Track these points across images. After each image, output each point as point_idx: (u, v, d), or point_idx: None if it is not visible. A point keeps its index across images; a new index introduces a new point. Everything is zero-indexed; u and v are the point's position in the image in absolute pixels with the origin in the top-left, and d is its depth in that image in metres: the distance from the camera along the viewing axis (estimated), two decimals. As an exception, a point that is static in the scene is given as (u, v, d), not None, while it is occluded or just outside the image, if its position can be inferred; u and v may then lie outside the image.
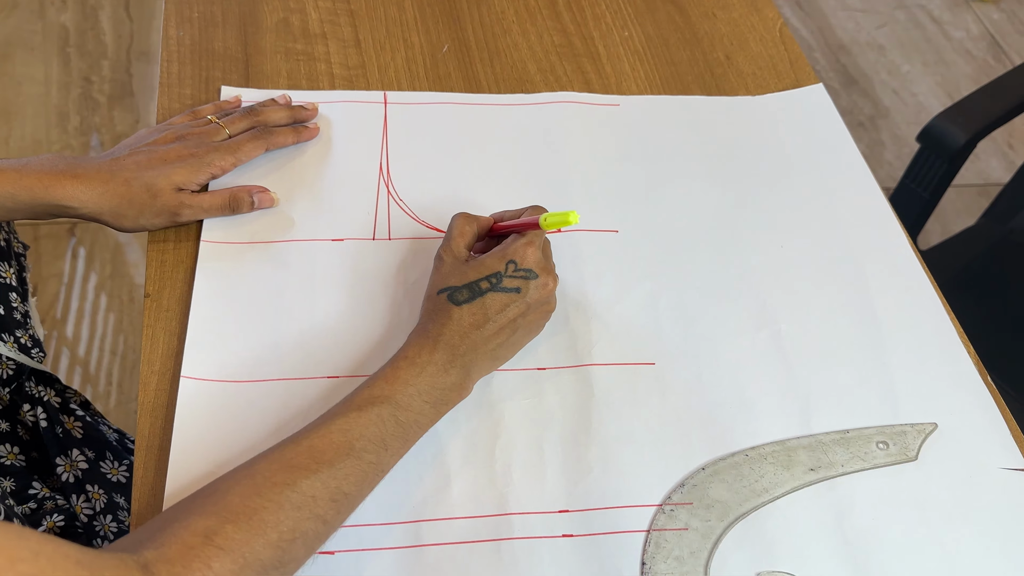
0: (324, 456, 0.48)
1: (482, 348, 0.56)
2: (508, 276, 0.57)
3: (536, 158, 0.73)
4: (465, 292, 0.56)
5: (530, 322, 0.59)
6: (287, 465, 0.47)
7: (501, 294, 0.56)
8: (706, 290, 0.67)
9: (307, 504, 0.46)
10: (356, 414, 0.50)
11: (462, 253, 0.59)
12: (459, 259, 0.59)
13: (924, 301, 0.68)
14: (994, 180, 1.91)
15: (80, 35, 1.88)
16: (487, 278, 0.57)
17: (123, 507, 0.69)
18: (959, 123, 1.05)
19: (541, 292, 0.58)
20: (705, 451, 0.59)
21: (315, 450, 0.48)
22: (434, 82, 0.77)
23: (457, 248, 0.59)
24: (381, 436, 0.51)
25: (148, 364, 0.59)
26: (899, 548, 0.56)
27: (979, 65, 2.11)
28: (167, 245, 0.64)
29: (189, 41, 0.77)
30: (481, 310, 0.56)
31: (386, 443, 0.51)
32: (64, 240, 1.57)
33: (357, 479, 0.49)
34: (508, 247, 0.58)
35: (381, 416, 0.51)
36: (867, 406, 0.62)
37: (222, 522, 0.44)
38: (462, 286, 0.56)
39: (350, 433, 0.49)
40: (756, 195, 0.73)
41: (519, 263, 0.57)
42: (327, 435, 0.49)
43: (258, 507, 0.45)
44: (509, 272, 0.57)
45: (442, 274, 0.58)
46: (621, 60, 0.81)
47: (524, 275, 0.57)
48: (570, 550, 0.54)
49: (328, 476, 0.48)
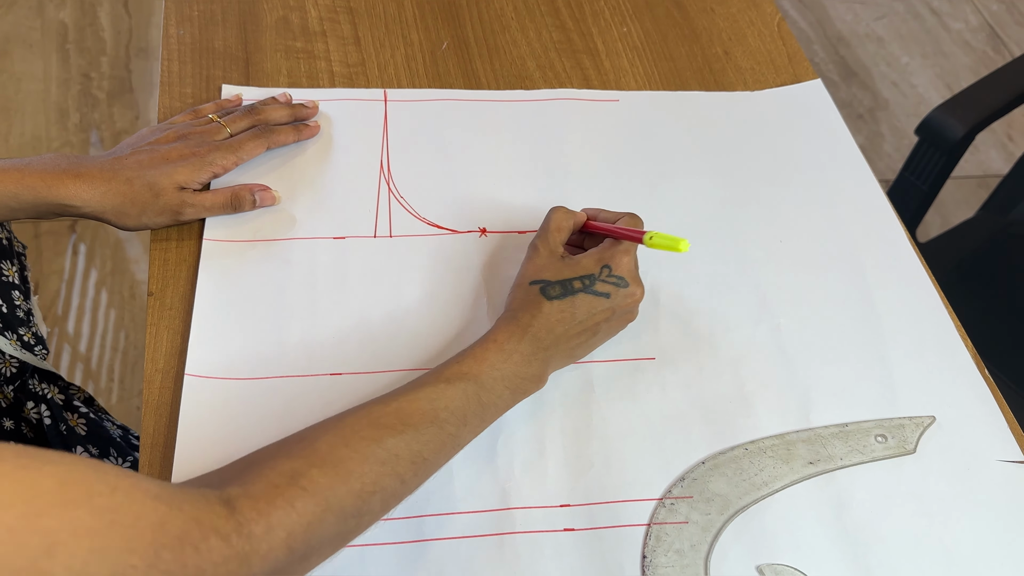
0: (411, 419, 0.50)
1: (564, 345, 0.57)
2: (601, 280, 0.58)
3: (536, 154, 0.74)
4: (558, 288, 0.57)
5: (611, 327, 0.60)
6: (375, 423, 0.49)
7: (591, 296, 0.58)
8: (706, 285, 0.67)
9: (390, 461, 0.48)
10: (444, 386, 0.52)
11: (558, 248, 0.60)
12: (555, 253, 0.60)
13: (922, 295, 0.69)
14: (993, 172, 1.91)
15: (79, 32, 1.88)
16: (580, 278, 0.58)
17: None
18: (958, 115, 1.05)
19: (628, 300, 0.59)
20: (705, 445, 0.59)
21: (403, 412, 0.50)
22: (434, 79, 0.78)
23: (554, 242, 0.60)
24: (463, 411, 0.52)
25: (152, 362, 0.59)
26: (898, 540, 0.56)
27: (978, 56, 2.11)
28: (170, 244, 0.65)
29: (189, 39, 0.77)
30: (570, 308, 0.57)
31: (466, 419, 0.53)
32: (65, 237, 1.58)
33: (436, 447, 0.51)
34: (605, 251, 0.59)
35: (466, 392, 0.53)
36: (865, 400, 0.62)
37: (308, 466, 0.45)
38: (556, 282, 0.58)
39: (436, 402, 0.51)
40: (755, 190, 0.74)
41: (613, 269, 0.58)
42: (415, 400, 0.51)
43: (344, 456, 0.47)
44: (603, 276, 0.58)
45: (536, 265, 0.59)
46: (620, 56, 0.82)
47: (616, 282, 0.58)
48: (572, 544, 0.54)
49: (412, 438, 0.49)
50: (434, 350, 0.62)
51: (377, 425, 0.49)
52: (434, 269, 0.66)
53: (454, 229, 0.68)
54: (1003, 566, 0.56)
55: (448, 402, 0.52)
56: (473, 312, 0.64)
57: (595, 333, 0.59)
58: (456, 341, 0.62)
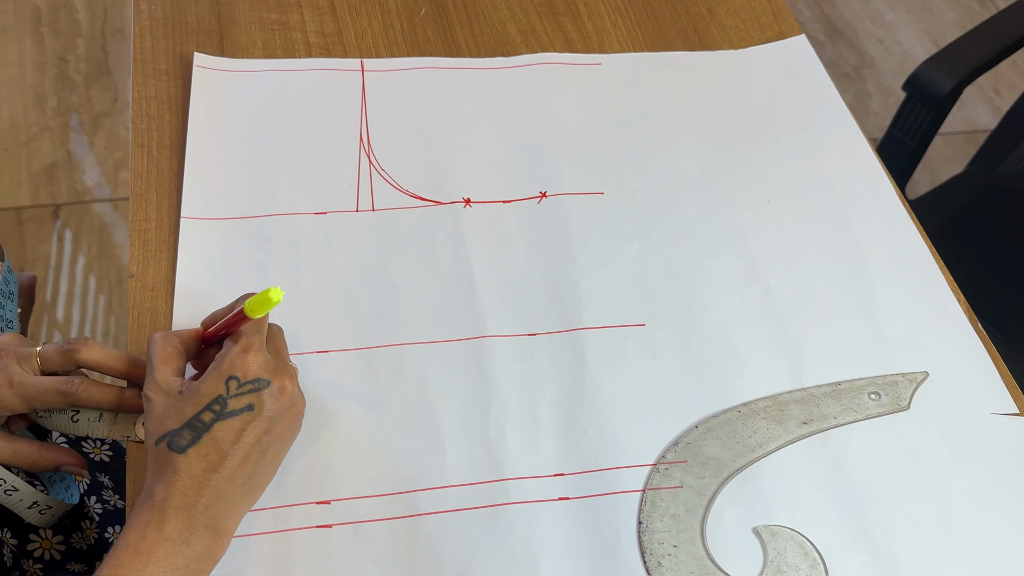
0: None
1: (228, 490, 0.47)
2: (233, 396, 0.48)
3: (519, 121, 0.73)
4: (187, 434, 0.47)
5: (279, 435, 0.50)
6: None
7: (232, 420, 0.47)
8: (694, 249, 0.67)
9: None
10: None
11: (172, 384, 0.49)
12: (171, 393, 0.49)
13: (913, 251, 0.68)
14: (981, 127, 1.90)
15: (53, 14, 1.85)
16: (208, 407, 0.47)
17: (107, 486, 0.68)
18: (944, 70, 1.04)
19: (280, 399, 0.49)
20: (698, 409, 0.59)
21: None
22: (413, 47, 0.76)
23: (164, 379, 0.49)
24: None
25: (136, 345, 0.58)
26: (894, 496, 0.56)
27: (964, 11, 2.10)
28: (149, 224, 0.63)
29: (161, 15, 0.75)
30: (214, 449, 0.47)
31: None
32: (49, 223, 1.56)
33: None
34: (223, 362, 0.49)
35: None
36: (858, 357, 0.62)
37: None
38: (181, 427, 0.47)
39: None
40: (741, 150, 0.73)
41: (242, 377, 0.48)
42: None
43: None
44: (233, 391, 0.48)
45: (155, 417, 0.48)
46: (602, 17, 0.80)
47: (253, 387, 0.49)
48: (567, 512, 0.54)
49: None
50: (423, 324, 0.61)
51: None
52: (419, 242, 0.65)
53: (438, 200, 0.67)
54: (999, 518, 0.56)
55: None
56: (461, 285, 0.63)
57: (264, 452, 0.49)
58: (444, 316, 0.61)
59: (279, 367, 0.50)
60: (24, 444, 0.55)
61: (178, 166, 0.66)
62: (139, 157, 0.67)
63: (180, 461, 0.46)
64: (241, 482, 0.48)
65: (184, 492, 0.46)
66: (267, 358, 0.50)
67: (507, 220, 0.67)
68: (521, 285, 0.64)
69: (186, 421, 0.47)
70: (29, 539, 0.61)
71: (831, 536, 0.54)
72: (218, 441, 0.47)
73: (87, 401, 0.52)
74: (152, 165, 0.66)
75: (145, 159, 0.67)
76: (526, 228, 0.66)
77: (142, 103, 0.70)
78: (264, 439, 0.49)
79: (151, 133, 0.68)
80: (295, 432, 0.53)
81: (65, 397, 0.52)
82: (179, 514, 0.46)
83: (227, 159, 0.67)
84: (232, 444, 0.47)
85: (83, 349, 0.53)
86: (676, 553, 0.53)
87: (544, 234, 0.66)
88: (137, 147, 0.67)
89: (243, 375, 0.48)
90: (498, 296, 0.63)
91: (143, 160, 0.66)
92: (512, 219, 0.67)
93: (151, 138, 0.68)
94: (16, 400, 0.52)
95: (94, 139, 1.67)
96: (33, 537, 0.62)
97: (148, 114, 0.69)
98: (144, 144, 0.67)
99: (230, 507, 0.48)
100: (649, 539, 0.53)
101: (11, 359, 0.52)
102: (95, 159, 1.65)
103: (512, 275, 0.64)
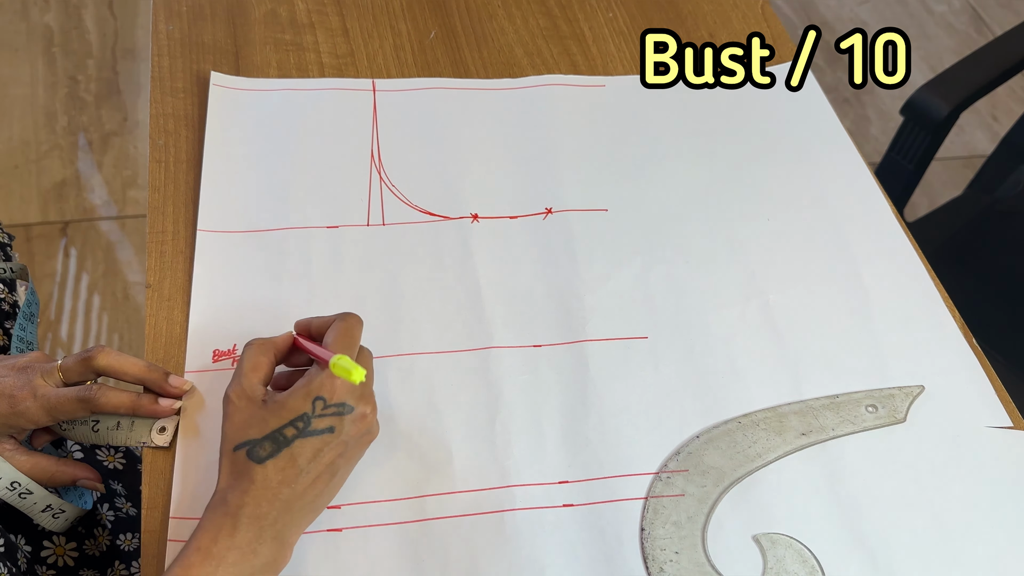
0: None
1: (297, 505, 0.48)
2: (317, 416, 0.49)
3: (525, 140, 0.75)
4: (268, 445, 0.48)
5: (349, 459, 0.51)
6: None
7: (312, 439, 0.48)
8: (696, 264, 0.68)
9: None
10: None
11: (257, 392, 0.50)
12: (254, 401, 0.50)
13: (909, 268, 0.70)
14: (979, 152, 1.93)
15: (64, 35, 1.88)
16: (292, 423, 0.48)
17: (120, 494, 0.70)
18: (941, 94, 1.06)
19: (359, 425, 0.50)
20: (699, 420, 0.60)
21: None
22: (423, 68, 0.78)
23: (251, 387, 0.50)
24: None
25: (152, 354, 0.60)
26: (890, 507, 0.57)
27: (961, 39, 2.13)
28: (166, 236, 0.65)
29: (179, 35, 0.78)
30: (291, 465, 0.48)
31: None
32: (56, 240, 1.58)
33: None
34: (312, 381, 0.49)
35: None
36: (856, 371, 0.63)
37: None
38: (263, 438, 0.48)
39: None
40: (742, 170, 0.75)
41: (328, 398, 0.49)
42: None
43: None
44: (318, 411, 0.49)
45: (236, 424, 0.49)
46: (607, 41, 0.82)
47: (337, 411, 0.49)
48: (571, 519, 0.55)
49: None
50: (431, 335, 0.63)
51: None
52: (428, 255, 0.67)
53: (446, 215, 0.69)
54: (994, 530, 0.57)
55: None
56: (469, 298, 0.65)
57: (333, 474, 0.50)
58: (452, 327, 0.63)
59: (364, 394, 0.51)
60: (43, 458, 0.57)
61: (194, 180, 0.68)
62: (156, 172, 0.69)
63: (257, 471, 0.47)
64: (309, 499, 0.49)
65: (258, 502, 0.47)
66: (352, 385, 0.50)
67: (513, 235, 0.69)
68: (527, 298, 0.65)
69: (268, 433, 0.48)
70: (43, 545, 0.63)
71: (829, 544, 0.56)
72: (295, 457, 0.48)
73: (105, 406, 0.54)
74: (169, 179, 0.68)
75: (162, 173, 0.68)
76: (532, 243, 0.68)
77: (160, 120, 0.72)
78: (337, 461, 0.50)
79: (168, 149, 0.70)
80: (361, 457, 0.54)
81: (85, 404, 0.53)
82: (251, 523, 0.47)
83: (242, 174, 0.69)
84: (308, 462, 0.48)
85: (99, 355, 0.54)
86: (678, 559, 0.54)
87: (549, 249, 0.68)
88: (155, 162, 0.69)
89: (330, 397, 0.49)
90: (504, 308, 0.64)
91: (160, 174, 0.68)
92: (518, 234, 0.69)
93: (168, 153, 0.70)
94: (40, 412, 0.53)
95: (103, 158, 1.69)
96: (47, 543, 0.63)
97: (165, 130, 0.71)
98: (161, 159, 0.69)
99: (296, 521, 0.49)
100: (651, 545, 0.55)
101: (35, 374, 0.54)
102: (104, 178, 1.67)
103: (518, 288, 0.66)
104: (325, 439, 0.49)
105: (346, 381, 0.49)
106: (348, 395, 0.50)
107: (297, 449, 0.48)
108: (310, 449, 0.48)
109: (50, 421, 0.54)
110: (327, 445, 0.49)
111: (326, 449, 0.49)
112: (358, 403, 0.50)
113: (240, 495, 0.47)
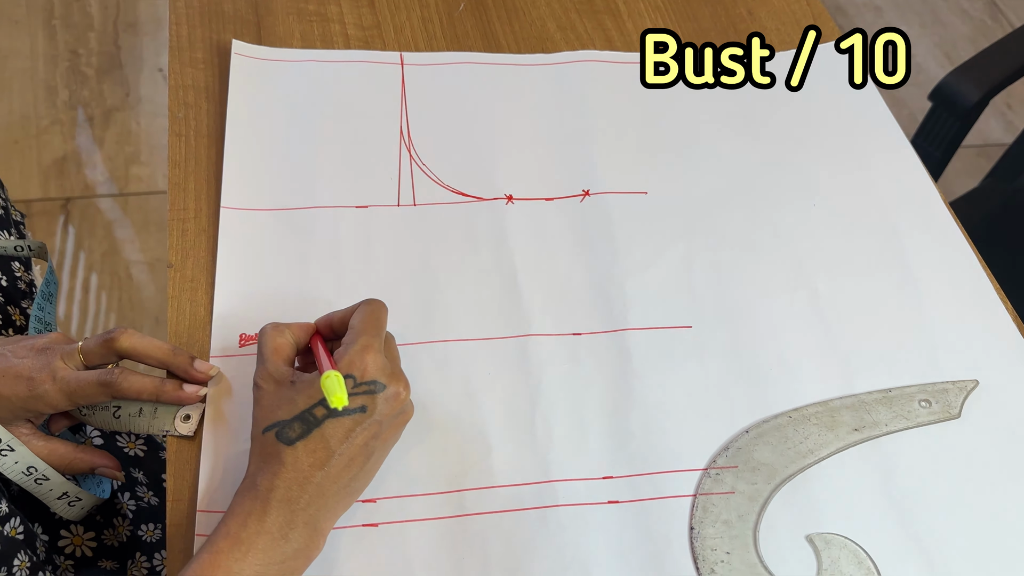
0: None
1: (330, 489, 0.46)
2: (349, 395, 0.46)
3: (559, 119, 0.71)
4: (298, 427, 0.46)
5: (385, 440, 0.49)
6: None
7: (344, 419, 0.46)
8: (740, 251, 0.66)
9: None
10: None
11: (284, 373, 0.48)
12: (282, 382, 0.48)
13: (958, 256, 0.67)
14: (993, 141, 1.90)
15: (65, 7, 1.83)
16: (322, 402, 0.46)
17: (141, 482, 0.67)
18: (973, 80, 1.04)
19: (393, 404, 0.48)
20: (747, 414, 0.58)
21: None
22: (452, 42, 0.75)
23: (276, 368, 0.49)
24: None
25: (175, 337, 0.57)
26: (946, 507, 0.55)
27: (976, 25, 2.10)
28: (187, 214, 0.62)
29: (198, 4, 0.74)
30: (322, 445, 0.45)
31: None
32: (56, 217, 1.54)
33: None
34: (341, 358, 0.47)
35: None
36: (908, 364, 0.61)
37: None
38: (292, 419, 0.46)
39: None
40: (785, 152, 0.72)
41: (359, 376, 0.47)
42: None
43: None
44: (349, 390, 0.46)
45: (264, 407, 0.47)
46: (642, 16, 0.79)
47: (368, 389, 0.47)
48: (617, 516, 0.53)
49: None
50: (466, 321, 0.60)
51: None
52: (462, 238, 0.64)
53: (480, 196, 0.66)
54: (1054, 531, 0.55)
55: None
56: (504, 283, 0.62)
57: (368, 456, 0.47)
58: (488, 313, 0.60)
59: (396, 372, 0.49)
60: (60, 444, 0.54)
61: (216, 155, 0.65)
62: (177, 146, 0.65)
63: (287, 453, 0.45)
64: (344, 483, 0.47)
65: (288, 485, 0.45)
66: (385, 362, 0.48)
67: (550, 218, 0.66)
68: (565, 284, 0.62)
69: (298, 413, 0.46)
70: (60, 535, 0.60)
71: (884, 545, 0.53)
72: (327, 438, 0.46)
73: (127, 391, 0.51)
74: (190, 154, 0.65)
75: (183, 148, 0.65)
76: (569, 226, 0.65)
77: (179, 91, 0.68)
78: (372, 443, 0.47)
79: (188, 122, 0.67)
80: (397, 439, 0.51)
81: (106, 388, 0.50)
82: (281, 507, 0.45)
83: (267, 149, 0.66)
84: (340, 443, 0.46)
85: (122, 337, 0.52)
86: (729, 560, 0.52)
87: (587, 233, 0.65)
88: (175, 136, 0.66)
89: (360, 375, 0.47)
90: (542, 294, 0.62)
91: (181, 149, 0.65)
92: (555, 217, 0.66)
93: (188, 127, 0.67)
94: (60, 396, 0.50)
95: (105, 134, 1.65)
96: (64, 533, 0.60)
97: (185, 103, 0.68)
98: (182, 133, 0.66)
99: (330, 506, 0.47)
100: (701, 545, 0.52)
101: (55, 356, 0.51)
102: (106, 154, 1.63)
103: (556, 273, 0.63)
104: (357, 419, 0.46)
105: (377, 358, 0.48)
106: (379, 373, 0.48)
107: (329, 430, 0.46)
108: (342, 430, 0.46)
109: (69, 405, 0.52)
110: (359, 425, 0.47)
111: (358, 429, 0.46)
112: (390, 381, 0.48)
113: (271, 478, 0.45)
